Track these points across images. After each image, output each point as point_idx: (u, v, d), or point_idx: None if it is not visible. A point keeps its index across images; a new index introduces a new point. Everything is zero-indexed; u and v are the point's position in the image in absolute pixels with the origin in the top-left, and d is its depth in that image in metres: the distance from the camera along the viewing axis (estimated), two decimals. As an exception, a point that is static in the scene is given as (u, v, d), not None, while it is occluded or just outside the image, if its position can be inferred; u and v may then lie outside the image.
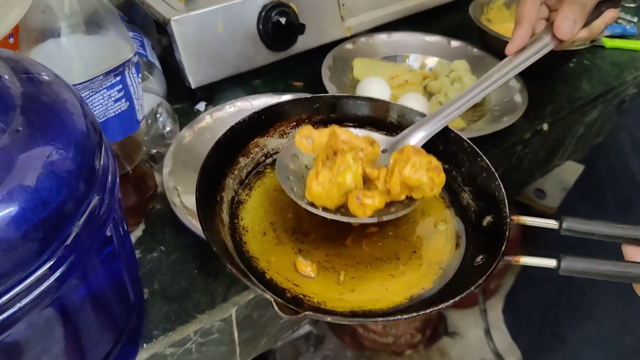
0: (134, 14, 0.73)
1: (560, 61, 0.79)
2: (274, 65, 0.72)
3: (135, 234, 0.53)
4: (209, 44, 0.65)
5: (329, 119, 0.52)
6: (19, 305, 0.27)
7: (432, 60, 0.79)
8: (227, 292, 0.49)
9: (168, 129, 0.60)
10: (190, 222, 0.51)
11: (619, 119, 0.79)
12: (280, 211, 0.47)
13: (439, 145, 0.50)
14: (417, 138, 0.49)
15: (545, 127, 0.72)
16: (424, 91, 0.74)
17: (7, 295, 0.26)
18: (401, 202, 0.45)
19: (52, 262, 0.28)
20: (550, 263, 0.39)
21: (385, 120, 0.53)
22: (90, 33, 0.42)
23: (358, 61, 0.75)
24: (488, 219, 0.45)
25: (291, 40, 0.71)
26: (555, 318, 0.78)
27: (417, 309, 0.38)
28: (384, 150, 0.49)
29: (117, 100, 0.45)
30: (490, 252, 0.42)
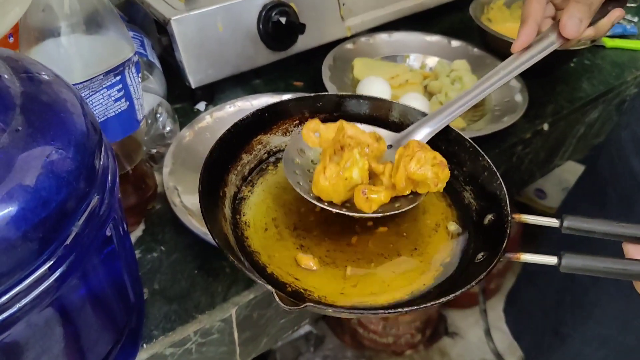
0: (134, 14, 0.73)
1: (560, 61, 0.79)
2: (274, 65, 0.72)
3: (135, 234, 0.53)
4: (209, 43, 0.65)
5: (332, 117, 0.53)
6: (19, 305, 0.27)
7: (433, 60, 0.79)
8: (227, 292, 0.49)
9: (168, 128, 0.60)
10: (190, 222, 0.51)
11: (619, 118, 0.79)
12: (282, 208, 0.48)
13: (440, 145, 0.50)
14: (422, 134, 0.49)
15: (545, 127, 0.72)
16: (424, 91, 0.74)
17: (7, 295, 0.26)
18: (406, 197, 0.45)
19: (52, 262, 0.28)
20: (551, 260, 0.39)
21: (387, 120, 0.53)
22: (90, 32, 0.42)
23: (358, 61, 0.75)
24: (489, 217, 0.46)
25: (291, 40, 0.71)
26: (558, 317, 0.78)
27: (418, 304, 0.38)
28: (389, 146, 0.49)
29: (117, 100, 0.45)
30: (491, 250, 0.42)
